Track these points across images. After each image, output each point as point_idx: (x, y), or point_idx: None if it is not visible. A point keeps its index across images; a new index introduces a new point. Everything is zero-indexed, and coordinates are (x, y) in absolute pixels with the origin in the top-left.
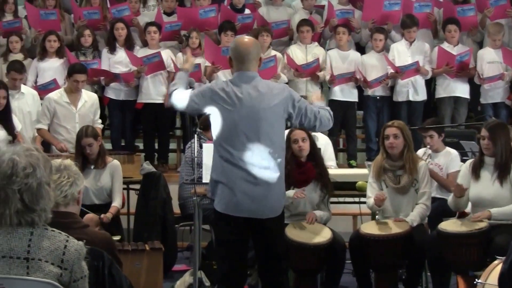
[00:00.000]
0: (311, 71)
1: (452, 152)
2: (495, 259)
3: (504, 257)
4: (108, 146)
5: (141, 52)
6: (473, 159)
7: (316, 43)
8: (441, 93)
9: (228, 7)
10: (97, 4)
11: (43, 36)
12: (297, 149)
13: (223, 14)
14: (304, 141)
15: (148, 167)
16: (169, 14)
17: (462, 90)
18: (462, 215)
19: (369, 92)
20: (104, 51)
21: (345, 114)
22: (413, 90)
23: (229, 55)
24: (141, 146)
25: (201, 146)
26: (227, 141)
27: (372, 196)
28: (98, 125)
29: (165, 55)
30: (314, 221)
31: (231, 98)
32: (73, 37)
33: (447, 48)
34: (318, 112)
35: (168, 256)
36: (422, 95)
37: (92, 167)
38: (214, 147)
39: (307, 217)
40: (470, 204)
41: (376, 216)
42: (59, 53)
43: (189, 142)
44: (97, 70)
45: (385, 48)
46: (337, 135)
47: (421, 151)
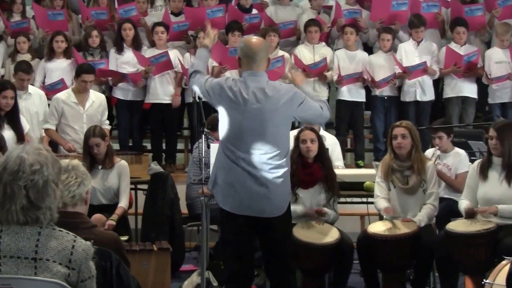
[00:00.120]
0: (319, 71)
1: (461, 153)
2: (503, 259)
3: None
4: (116, 146)
5: (149, 52)
6: (481, 159)
7: (324, 43)
8: (449, 93)
9: (236, 7)
10: (105, 5)
11: (51, 37)
12: (305, 150)
13: (231, 14)
14: (313, 142)
15: (156, 167)
16: (177, 14)
17: (470, 90)
18: (470, 216)
19: (377, 92)
20: (112, 52)
21: (353, 114)
22: (421, 90)
23: (238, 55)
24: (149, 146)
25: (209, 146)
26: (232, 141)
27: (381, 195)
28: (106, 126)
29: (173, 55)
30: (324, 214)
31: (237, 98)
32: (81, 38)
33: (455, 48)
34: (321, 109)
35: (176, 256)
36: (430, 95)
37: (100, 167)
38: (220, 144)
39: (317, 211)
40: (478, 205)
41: (384, 216)
42: (67, 54)
43: (197, 142)
44: (105, 71)
45: (393, 48)
46: (345, 135)
47: (430, 152)
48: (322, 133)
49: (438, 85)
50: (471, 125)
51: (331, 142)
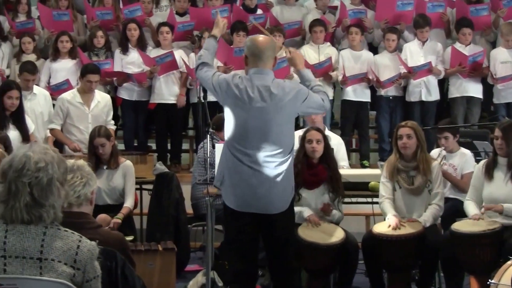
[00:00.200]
0: (324, 71)
1: (467, 153)
2: (509, 260)
3: None
4: (121, 147)
5: (154, 53)
6: (487, 159)
7: (329, 43)
8: (454, 93)
9: (240, 7)
10: (110, 5)
11: (56, 37)
12: (310, 150)
13: (235, 14)
14: (319, 143)
15: (161, 168)
16: (182, 15)
17: (475, 90)
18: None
19: (382, 92)
20: (117, 52)
21: (358, 114)
22: (426, 90)
23: (245, 53)
24: (154, 147)
25: (214, 147)
26: (236, 138)
27: (386, 195)
28: (111, 126)
29: (178, 55)
30: (330, 210)
31: (243, 96)
32: (86, 38)
33: (460, 48)
34: (323, 101)
35: (181, 256)
36: (435, 95)
37: (105, 168)
38: (226, 142)
39: (323, 205)
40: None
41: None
42: (72, 54)
43: (202, 143)
44: (110, 72)
45: (398, 48)
46: (350, 135)
47: (436, 152)
48: (327, 133)
49: (443, 85)
50: (477, 125)
51: (336, 142)
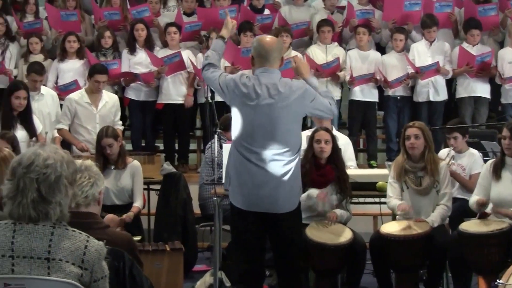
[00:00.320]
0: (331, 71)
1: (476, 153)
2: None
3: None
4: (129, 147)
5: (161, 53)
6: (494, 160)
7: (336, 43)
8: (462, 93)
9: (248, 8)
10: (118, 5)
11: (63, 37)
12: (318, 150)
13: (243, 15)
14: (327, 143)
15: (169, 168)
16: (189, 15)
17: (483, 90)
18: (483, 216)
19: (390, 92)
20: (124, 52)
21: (366, 114)
22: (434, 90)
23: (251, 54)
24: (161, 147)
25: (221, 147)
26: (244, 137)
27: (393, 196)
28: (119, 126)
29: (185, 56)
30: (335, 221)
31: (250, 93)
32: (94, 38)
33: (467, 48)
34: (330, 104)
35: (189, 257)
36: (443, 95)
37: (113, 168)
38: (233, 141)
39: (328, 217)
40: (491, 205)
41: (397, 217)
42: (79, 54)
43: (209, 143)
44: (117, 73)
45: (406, 48)
46: (357, 135)
47: (445, 152)
48: (335, 133)
49: (451, 85)
50: (484, 125)
51: (344, 142)
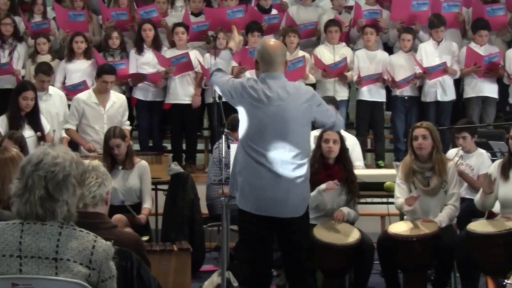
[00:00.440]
0: (339, 71)
1: (484, 154)
2: None
3: None
4: (136, 147)
5: (169, 53)
6: (502, 160)
7: (344, 43)
8: (469, 93)
9: (255, 8)
10: (125, 5)
11: (70, 38)
12: (327, 150)
13: (250, 15)
14: (335, 143)
15: (176, 168)
16: (197, 15)
17: (491, 90)
18: (491, 216)
19: (397, 92)
20: (132, 52)
21: (373, 114)
22: (442, 90)
23: (255, 58)
24: (169, 147)
25: (229, 147)
26: (253, 139)
27: (401, 197)
28: (126, 127)
29: (193, 56)
30: (342, 219)
31: (260, 96)
32: (101, 38)
33: (475, 48)
34: (335, 115)
35: (196, 257)
36: (451, 95)
37: (120, 168)
38: (240, 144)
39: (335, 215)
40: (499, 205)
41: (404, 217)
42: (87, 55)
43: (217, 143)
44: (124, 74)
45: (413, 48)
46: (365, 135)
47: (453, 152)
48: (342, 133)
49: (459, 85)
50: (492, 125)
51: (351, 142)
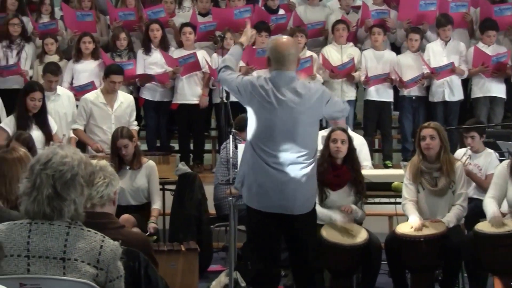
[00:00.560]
0: (347, 72)
1: (492, 154)
2: None
3: None
4: (144, 147)
5: (176, 53)
6: (510, 160)
7: (351, 43)
8: (477, 93)
9: (262, 8)
10: (133, 5)
11: (78, 38)
12: (334, 149)
13: (257, 15)
14: (343, 143)
15: (184, 168)
16: (204, 15)
17: (498, 90)
18: None
19: (405, 92)
20: (139, 52)
21: (381, 114)
22: (449, 90)
23: (267, 55)
24: (176, 147)
25: (236, 147)
26: (262, 139)
27: (409, 198)
28: (134, 127)
29: (200, 56)
30: (350, 211)
31: (270, 97)
32: (109, 39)
33: (482, 48)
34: (343, 104)
35: (204, 257)
36: (458, 95)
37: (128, 168)
38: (248, 142)
39: (343, 208)
40: (507, 205)
41: None
42: (94, 55)
43: (224, 143)
44: (131, 75)
45: (421, 48)
46: (373, 135)
47: (461, 152)
48: (350, 133)
49: (467, 85)
50: (500, 125)
51: (359, 142)
